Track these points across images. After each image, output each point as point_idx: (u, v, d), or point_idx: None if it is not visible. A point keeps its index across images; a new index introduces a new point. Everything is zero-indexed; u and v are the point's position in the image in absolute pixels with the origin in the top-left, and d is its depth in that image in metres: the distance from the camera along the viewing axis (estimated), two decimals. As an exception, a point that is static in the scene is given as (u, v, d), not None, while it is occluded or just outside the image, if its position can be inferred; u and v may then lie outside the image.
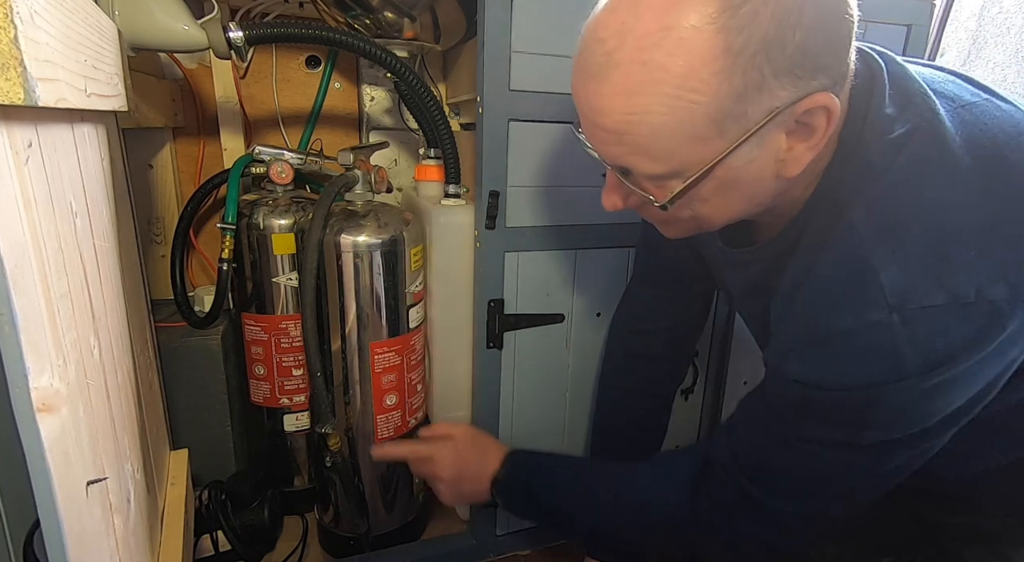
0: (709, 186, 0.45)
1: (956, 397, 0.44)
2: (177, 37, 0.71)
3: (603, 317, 0.95)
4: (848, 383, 0.44)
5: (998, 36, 1.44)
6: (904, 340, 0.41)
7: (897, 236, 0.43)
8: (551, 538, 1.05)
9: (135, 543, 0.51)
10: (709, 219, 0.50)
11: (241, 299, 0.97)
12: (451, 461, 0.78)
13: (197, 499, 0.90)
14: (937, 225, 0.42)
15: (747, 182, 0.45)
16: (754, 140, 0.42)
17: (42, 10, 0.31)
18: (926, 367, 0.42)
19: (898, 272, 0.42)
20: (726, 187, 0.45)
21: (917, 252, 0.42)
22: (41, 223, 0.34)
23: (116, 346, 0.50)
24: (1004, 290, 0.40)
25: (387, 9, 0.90)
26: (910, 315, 0.41)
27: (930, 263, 0.41)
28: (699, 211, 0.48)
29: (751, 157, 0.43)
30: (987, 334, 0.41)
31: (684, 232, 0.54)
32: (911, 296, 0.41)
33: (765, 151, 0.43)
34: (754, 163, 0.44)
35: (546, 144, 0.84)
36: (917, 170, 0.44)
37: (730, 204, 0.48)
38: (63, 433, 0.35)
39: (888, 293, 0.42)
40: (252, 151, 0.97)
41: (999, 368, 0.44)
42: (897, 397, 0.43)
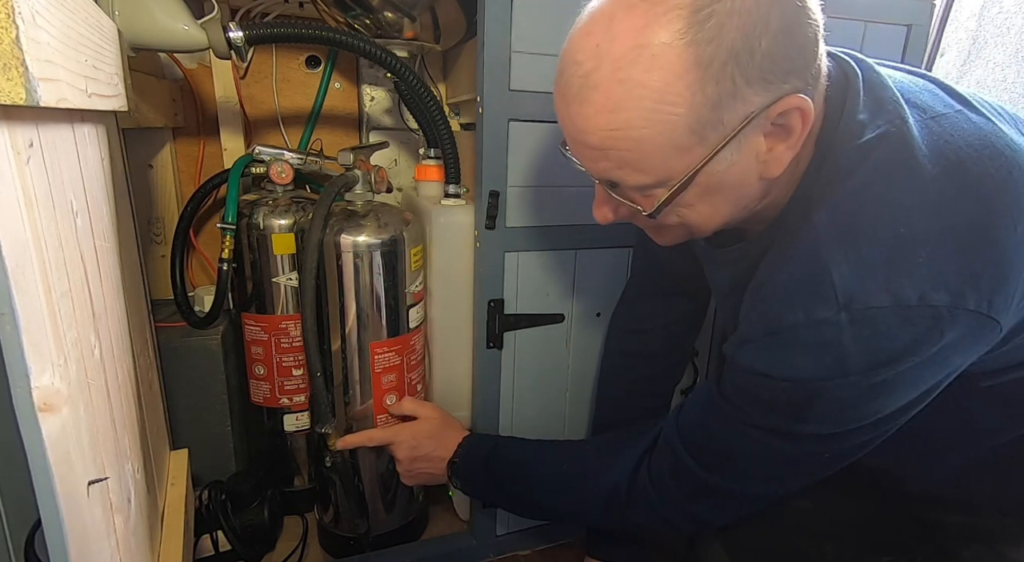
0: (693, 192, 0.47)
1: (894, 399, 0.47)
2: (177, 37, 0.71)
3: (603, 317, 0.95)
4: (794, 376, 0.47)
5: (998, 36, 1.44)
6: (850, 338, 0.44)
7: (853, 238, 0.45)
8: (551, 538, 1.05)
9: (135, 543, 0.51)
10: (698, 225, 0.51)
11: (241, 299, 0.97)
12: (408, 445, 0.82)
13: (197, 499, 0.90)
14: (893, 230, 0.44)
15: (731, 185, 0.47)
16: (733, 145, 0.44)
17: (43, 10, 0.31)
18: (868, 366, 0.44)
19: (850, 272, 0.44)
20: (711, 192, 0.47)
21: (869, 254, 0.44)
22: (42, 223, 0.34)
23: (116, 346, 0.50)
24: (946, 297, 0.42)
25: (387, 9, 0.90)
26: (857, 315, 0.43)
27: (880, 266, 0.43)
28: (687, 218, 0.50)
29: (731, 161, 0.45)
30: (927, 338, 0.43)
31: (675, 239, 0.56)
32: (859, 297, 0.43)
33: (745, 154, 0.45)
34: (735, 166, 0.46)
35: (546, 144, 0.84)
36: (881, 175, 0.45)
37: (717, 209, 0.49)
38: (64, 432, 0.35)
39: (839, 292, 0.44)
40: (252, 151, 0.97)
41: (940, 375, 0.47)
42: (838, 392, 0.46)
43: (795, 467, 0.55)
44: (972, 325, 0.43)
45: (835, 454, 0.52)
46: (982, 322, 0.43)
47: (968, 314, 0.42)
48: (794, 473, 0.56)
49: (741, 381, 0.52)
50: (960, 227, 0.43)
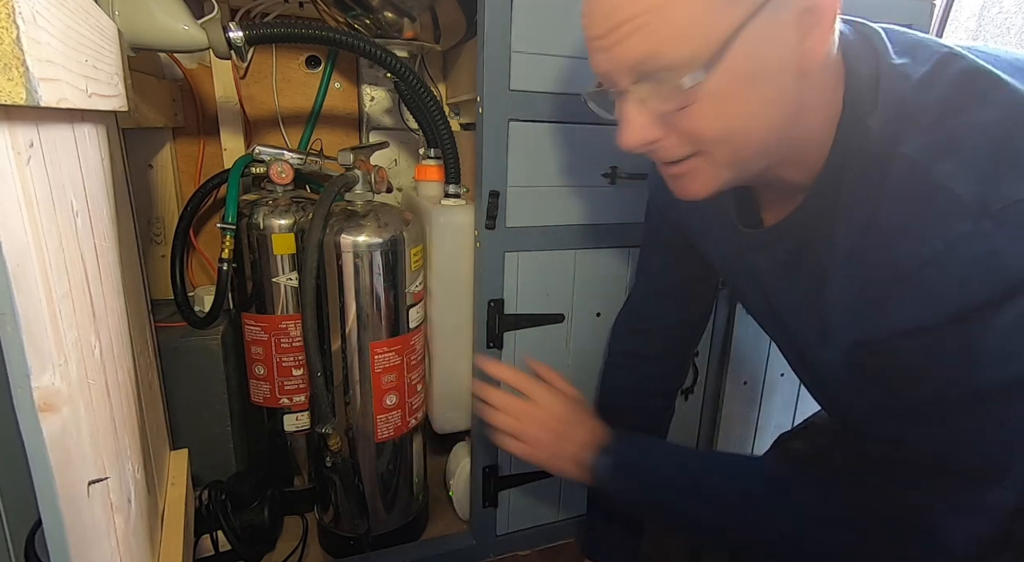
0: (731, 79, 0.43)
1: None
2: (177, 37, 0.71)
3: (603, 317, 0.95)
4: (954, 311, 0.41)
5: (998, 36, 1.44)
6: (1003, 243, 0.39)
7: (956, 149, 0.41)
8: (551, 538, 1.05)
9: (135, 543, 0.51)
10: (743, 136, 0.47)
11: (241, 299, 0.97)
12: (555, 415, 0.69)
13: (197, 499, 0.90)
14: (997, 133, 0.41)
15: (771, 73, 0.44)
16: (767, 13, 0.42)
17: (44, 10, 0.31)
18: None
19: (970, 180, 0.40)
20: (751, 79, 0.44)
21: (984, 156, 0.40)
22: (42, 223, 0.34)
23: (116, 346, 0.50)
24: None
25: (387, 9, 0.90)
26: (999, 215, 0.39)
27: (1001, 164, 0.40)
28: (732, 122, 0.46)
29: (768, 36, 0.42)
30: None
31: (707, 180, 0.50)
32: (993, 196, 0.39)
33: (782, 33, 0.43)
34: (773, 48, 0.43)
35: (546, 144, 0.84)
36: (955, 96, 0.43)
37: (758, 109, 0.45)
38: (64, 432, 0.35)
39: (968, 201, 0.39)
40: (252, 151, 0.97)
41: None
42: (1012, 311, 0.39)
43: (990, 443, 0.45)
44: None
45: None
46: None
47: None
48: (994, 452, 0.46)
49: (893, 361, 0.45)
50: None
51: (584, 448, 0.67)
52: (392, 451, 0.92)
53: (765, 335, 0.74)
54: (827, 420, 0.79)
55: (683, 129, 0.46)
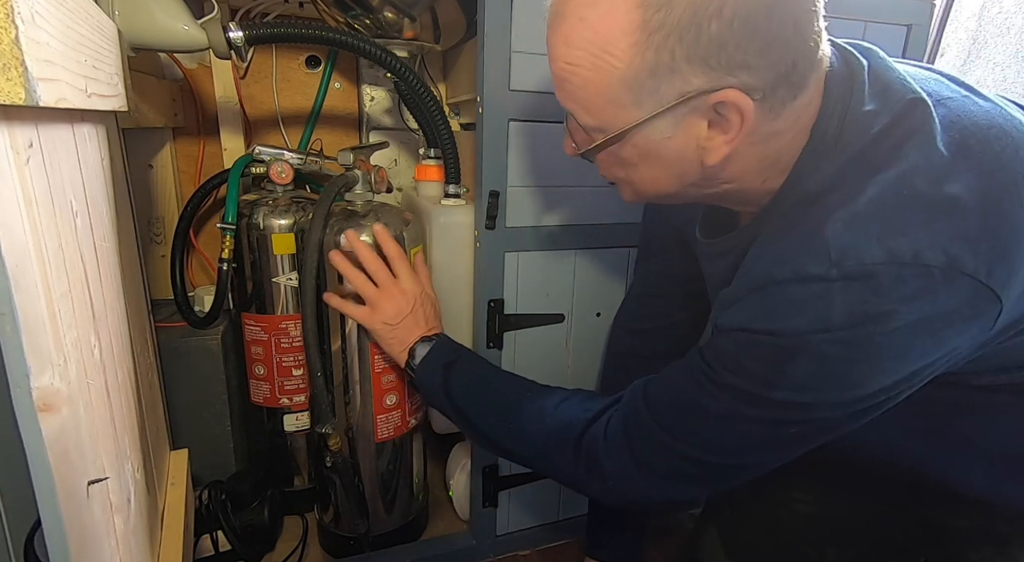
0: (630, 151, 0.49)
1: (878, 369, 0.44)
2: (177, 37, 0.71)
3: (603, 317, 0.95)
4: (773, 328, 0.45)
5: (998, 36, 1.44)
6: (838, 294, 0.42)
7: (853, 200, 0.44)
8: (551, 538, 1.05)
9: (135, 543, 0.51)
10: (642, 187, 0.53)
11: (241, 299, 0.97)
12: (411, 296, 0.76)
13: (197, 499, 0.90)
14: (894, 190, 0.43)
15: (670, 159, 0.48)
16: (668, 118, 0.45)
17: (43, 10, 0.31)
18: (853, 322, 0.42)
19: (843, 229, 0.43)
20: (650, 158, 0.49)
21: (867, 212, 0.43)
22: (42, 223, 0.34)
23: (116, 346, 0.50)
24: (941, 257, 0.41)
25: (387, 9, 0.90)
26: (849, 270, 0.42)
27: (876, 223, 0.43)
28: (632, 177, 0.52)
29: (668, 134, 0.46)
30: (919, 298, 0.41)
31: (632, 197, 0.56)
32: (852, 252, 0.42)
33: (684, 133, 0.46)
34: (673, 142, 0.47)
35: (546, 144, 0.84)
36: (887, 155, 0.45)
37: (658, 177, 0.51)
38: (64, 432, 0.35)
39: (832, 248, 0.43)
40: (252, 151, 0.97)
41: (932, 351, 0.44)
42: (818, 349, 0.44)
43: (757, 440, 0.51)
44: (968, 294, 0.41)
45: (802, 431, 0.49)
46: (979, 291, 0.41)
47: (964, 278, 0.41)
48: (755, 447, 0.52)
49: (720, 341, 0.50)
50: (963, 197, 0.42)
51: (413, 333, 0.75)
52: (392, 451, 0.92)
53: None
54: None
55: (598, 162, 0.53)
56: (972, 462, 0.58)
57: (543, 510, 1.03)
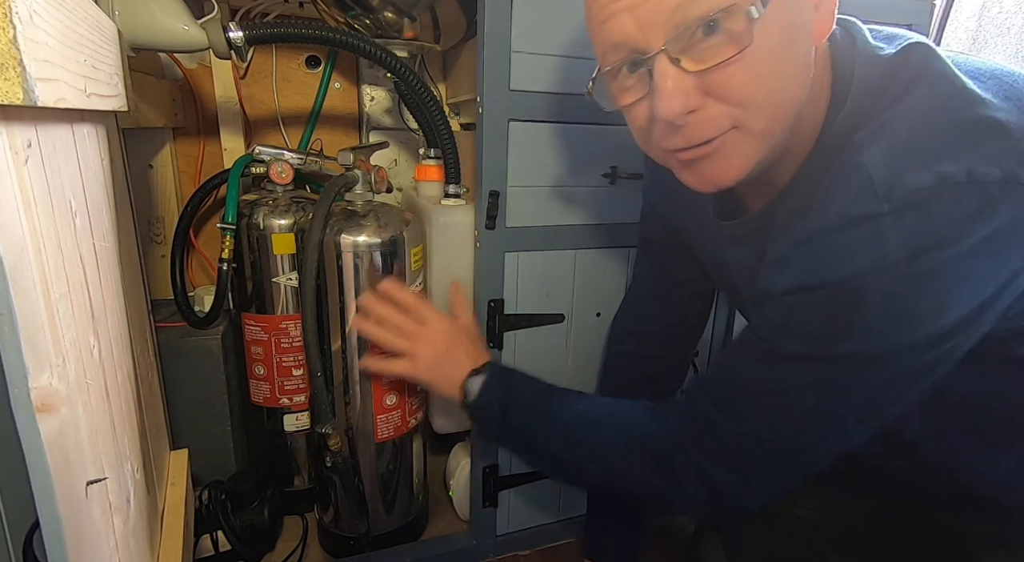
0: (776, 31, 0.42)
1: (944, 302, 0.41)
2: (177, 37, 0.71)
3: (603, 317, 0.95)
4: (830, 278, 0.43)
5: (998, 36, 1.44)
6: (890, 228, 0.40)
7: (886, 132, 0.42)
8: (551, 538, 1.05)
9: (135, 543, 0.51)
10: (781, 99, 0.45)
11: (241, 299, 0.97)
12: (444, 335, 0.73)
13: (197, 499, 0.90)
14: (930, 118, 0.42)
15: (800, 35, 0.44)
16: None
17: (41, 10, 0.31)
18: (911, 253, 0.40)
19: (884, 160, 0.41)
20: (789, 38, 0.43)
21: (907, 140, 0.41)
22: (40, 223, 0.34)
23: (116, 346, 0.50)
24: (996, 171, 0.39)
25: (387, 9, 0.90)
26: (899, 201, 0.40)
27: (919, 149, 0.41)
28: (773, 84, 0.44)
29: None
30: (978, 217, 0.39)
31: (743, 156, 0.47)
32: (899, 183, 0.40)
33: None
34: (798, 8, 0.43)
35: (546, 144, 0.84)
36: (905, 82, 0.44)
37: (794, 72, 0.45)
38: (62, 433, 0.35)
39: (877, 183, 0.41)
40: (252, 151, 0.97)
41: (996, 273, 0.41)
42: (880, 289, 0.41)
43: (832, 405, 0.48)
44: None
45: (879, 389, 0.46)
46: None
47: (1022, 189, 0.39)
48: (835, 418, 0.48)
49: (773, 310, 0.47)
50: (1008, 121, 0.40)
51: (463, 368, 0.71)
52: (392, 451, 0.92)
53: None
54: None
55: (725, 92, 0.43)
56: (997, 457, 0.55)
57: (543, 510, 1.03)
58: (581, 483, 0.67)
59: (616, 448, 0.61)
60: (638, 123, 0.49)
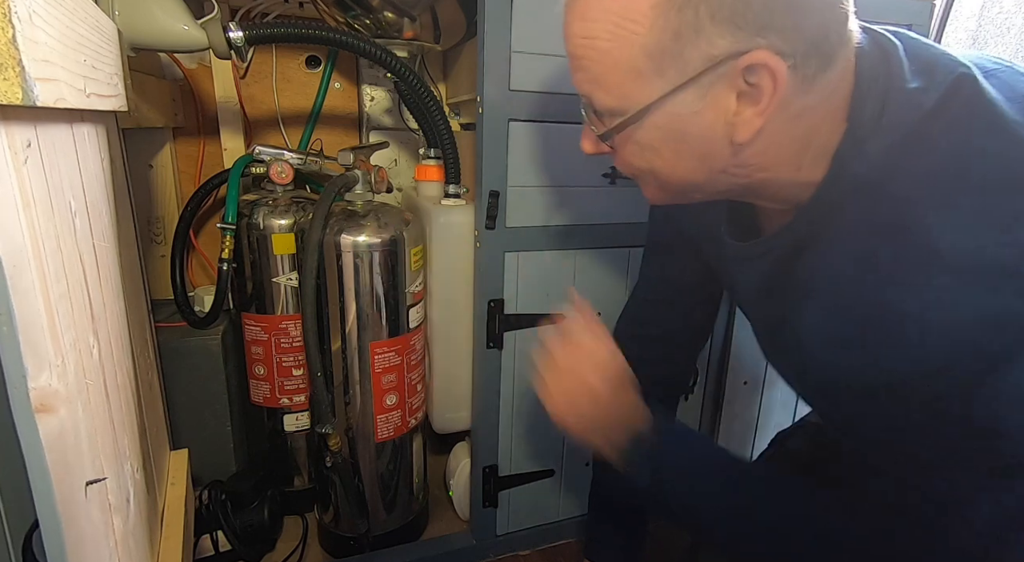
0: (655, 133, 0.46)
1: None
2: (177, 37, 0.71)
3: (603, 317, 0.94)
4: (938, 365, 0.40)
5: (998, 36, 1.44)
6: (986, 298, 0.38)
7: (947, 194, 0.41)
8: (551, 538, 1.05)
9: (135, 543, 0.51)
10: (666, 176, 0.49)
11: (241, 299, 0.97)
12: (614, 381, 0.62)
13: (197, 499, 0.90)
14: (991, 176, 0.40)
15: (696, 138, 0.45)
16: (694, 89, 0.43)
17: (41, 10, 0.31)
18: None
19: (952, 230, 0.40)
20: (674, 138, 0.46)
21: (971, 205, 0.40)
22: (40, 223, 0.34)
23: (116, 346, 0.50)
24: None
25: (387, 9, 0.90)
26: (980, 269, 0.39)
27: (986, 214, 0.39)
28: (654, 165, 0.49)
29: (694, 109, 0.44)
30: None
31: (656, 195, 0.53)
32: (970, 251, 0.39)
33: (711, 107, 0.44)
34: (700, 117, 0.44)
35: (546, 144, 0.84)
36: (962, 131, 0.42)
37: (682, 161, 0.47)
38: (62, 433, 0.35)
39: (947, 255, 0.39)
40: (252, 151, 0.97)
41: None
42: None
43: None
44: None
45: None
46: None
47: None
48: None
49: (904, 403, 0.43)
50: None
51: (620, 430, 0.62)
52: (392, 451, 0.92)
53: (765, 335, 0.73)
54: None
55: (618, 154, 0.50)
56: None
57: (543, 510, 1.03)
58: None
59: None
60: None
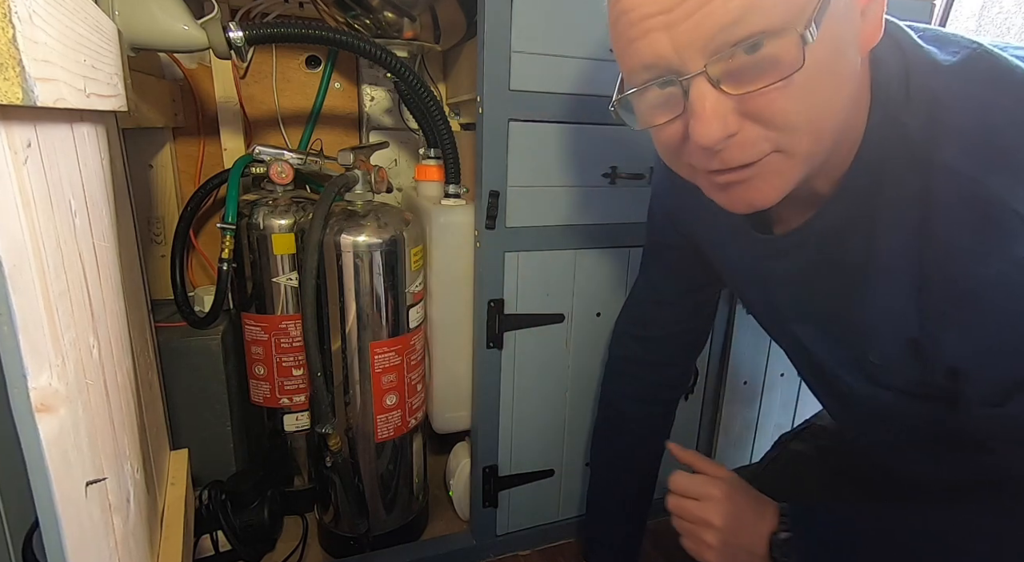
0: (823, 50, 0.38)
1: None
2: (177, 37, 0.71)
3: (603, 317, 0.95)
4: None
5: (998, 36, 1.44)
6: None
7: (1007, 158, 0.39)
8: (551, 538, 1.05)
9: (135, 543, 0.51)
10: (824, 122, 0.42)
11: (241, 299, 0.97)
12: (725, 504, 0.61)
13: (197, 499, 0.90)
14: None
15: (847, 51, 0.41)
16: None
17: (41, 10, 0.31)
18: None
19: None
20: (835, 57, 0.40)
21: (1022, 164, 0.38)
22: (40, 223, 0.34)
23: (115, 346, 0.50)
24: None
25: (387, 9, 0.90)
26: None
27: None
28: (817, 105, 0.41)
29: (844, 8, 0.39)
30: None
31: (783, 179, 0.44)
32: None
33: (850, 6, 0.40)
34: (846, 20, 0.40)
35: (546, 144, 0.84)
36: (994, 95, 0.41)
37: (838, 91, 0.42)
38: (62, 433, 0.35)
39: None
40: (252, 151, 0.97)
41: None
42: None
43: None
44: None
45: None
46: None
47: None
48: None
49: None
50: None
51: (759, 538, 0.59)
52: (392, 451, 0.92)
53: (765, 335, 0.73)
54: (828, 421, 0.78)
55: (767, 116, 0.40)
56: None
57: (543, 510, 1.03)
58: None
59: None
60: (667, 142, 0.45)
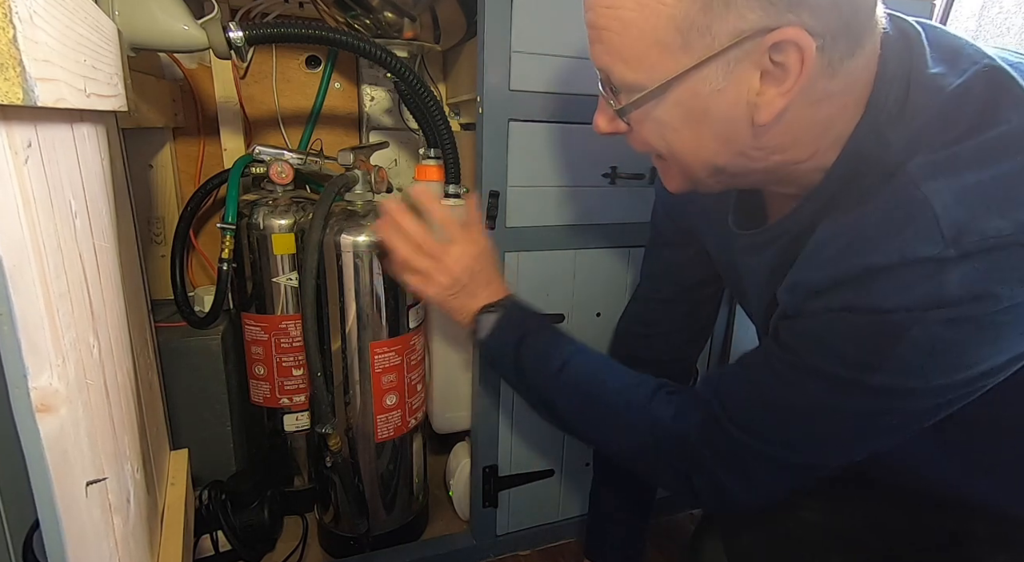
0: (675, 111, 0.45)
1: (992, 348, 0.41)
2: (177, 37, 0.71)
3: (603, 317, 0.95)
4: (880, 306, 0.41)
5: (998, 36, 1.44)
6: (953, 272, 0.38)
7: (955, 170, 0.40)
8: (551, 538, 1.05)
9: (135, 543, 0.51)
10: (686, 158, 0.48)
11: (241, 299, 0.97)
12: (467, 262, 0.68)
13: (197, 499, 0.90)
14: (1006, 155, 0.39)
15: (717, 118, 0.44)
16: (720, 65, 0.42)
17: (41, 10, 0.31)
18: (971, 297, 0.38)
19: (954, 202, 0.39)
20: (695, 117, 0.45)
21: (978, 181, 0.39)
22: (40, 223, 0.34)
23: (116, 346, 0.50)
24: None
25: (387, 9, 0.90)
26: (968, 247, 0.38)
27: (992, 192, 0.39)
28: (672, 143, 0.48)
29: (718, 86, 0.43)
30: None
31: (676, 182, 0.53)
32: (971, 228, 0.38)
33: (735, 86, 0.42)
34: (723, 96, 0.43)
35: (546, 144, 0.84)
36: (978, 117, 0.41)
37: (703, 141, 0.46)
38: (62, 433, 0.35)
39: (943, 225, 0.39)
40: (252, 151, 0.97)
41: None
42: (929, 330, 0.40)
43: (852, 431, 0.47)
44: None
45: (902, 419, 0.45)
46: None
47: None
48: (848, 440, 0.48)
49: (805, 325, 0.46)
50: None
51: (478, 300, 0.69)
52: (392, 451, 0.92)
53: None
54: None
55: (636, 132, 0.50)
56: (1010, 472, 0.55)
57: (543, 510, 1.03)
58: (580, 438, 0.69)
59: (621, 419, 0.61)
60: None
